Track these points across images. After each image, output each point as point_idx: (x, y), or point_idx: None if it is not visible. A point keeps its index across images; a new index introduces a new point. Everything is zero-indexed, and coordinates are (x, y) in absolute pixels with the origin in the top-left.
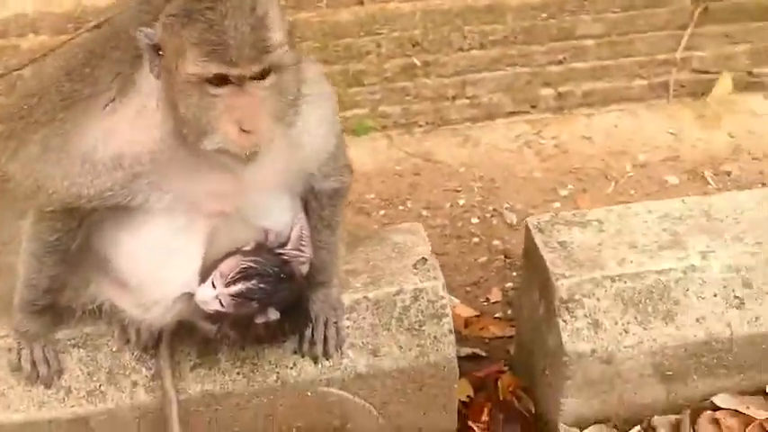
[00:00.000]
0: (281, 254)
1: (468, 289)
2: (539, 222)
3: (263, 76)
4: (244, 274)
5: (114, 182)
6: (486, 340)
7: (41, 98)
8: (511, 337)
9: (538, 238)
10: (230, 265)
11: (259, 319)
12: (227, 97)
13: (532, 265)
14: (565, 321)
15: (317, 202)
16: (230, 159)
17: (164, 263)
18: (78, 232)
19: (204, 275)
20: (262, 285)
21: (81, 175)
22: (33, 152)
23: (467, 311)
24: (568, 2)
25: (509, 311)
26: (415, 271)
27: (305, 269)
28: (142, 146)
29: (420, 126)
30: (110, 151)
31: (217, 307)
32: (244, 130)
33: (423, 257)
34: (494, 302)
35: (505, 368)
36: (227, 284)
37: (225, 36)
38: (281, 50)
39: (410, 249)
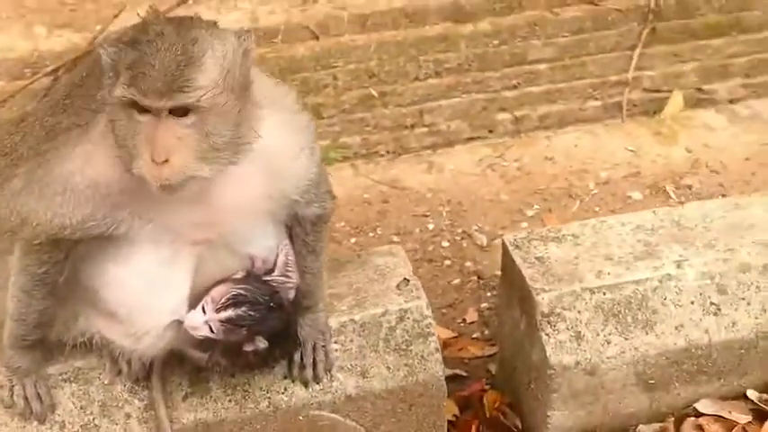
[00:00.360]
0: (268, 282)
1: (443, 311)
2: (515, 239)
3: (182, 113)
4: (234, 301)
5: (95, 210)
6: (466, 360)
7: (26, 134)
8: (490, 356)
9: (515, 255)
10: (221, 292)
11: (248, 347)
12: (147, 126)
13: (511, 281)
14: (548, 335)
15: (301, 228)
16: (150, 187)
17: (151, 292)
18: (66, 264)
19: (193, 302)
20: (251, 313)
21: (62, 205)
22: (17, 186)
23: (444, 333)
24: (519, 28)
25: (486, 331)
26: (398, 292)
27: (292, 294)
28: (113, 171)
29: (381, 155)
30: (87, 179)
31: (206, 333)
32: (155, 161)
33: (405, 278)
34: (470, 323)
35: (487, 386)
36: (218, 310)
37: (148, 67)
38: (200, 92)
39: (392, 271)
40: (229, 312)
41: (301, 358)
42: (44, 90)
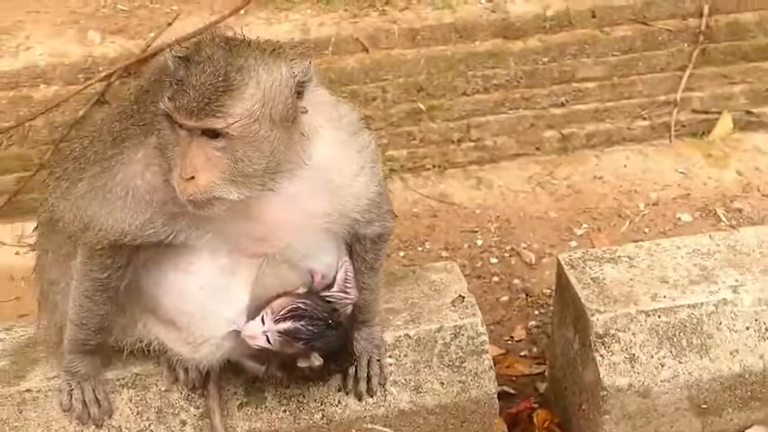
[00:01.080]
0: (327, 298)
1: (491, 328)
2: (570, 259)
3: (213, 135)
4: (294, 314)
5: (154, 217)
6: (514, 378)
7: (93, 139)
8: (538, 374)
9: (570, 275)
10: (282, 303)
11: (302, 363)
12: (182, 141)
13: (565, 300)
14: (602, 356)
15: (361, 246)
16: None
17: (211, 301)
18: (127, 270)
19: (252, 314)
20: (310, 327)
21: (123, 209)
22: (82, 190)
23: (492, 350)
24: (569, 46)
25: (534, 349)
26: (453, 308)
27: (349, 310)
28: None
29: (427, 169)
30: (146, 184)
31: (263, 343)
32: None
33: (460, 295)
34: (518, 341)
35: (536, 405)
36: (277, 321)
37: (189, 86)
38: (231, 120)
39: (447, 287)
40: (288, 324)
41: (356, 372)
42: (97, 95)
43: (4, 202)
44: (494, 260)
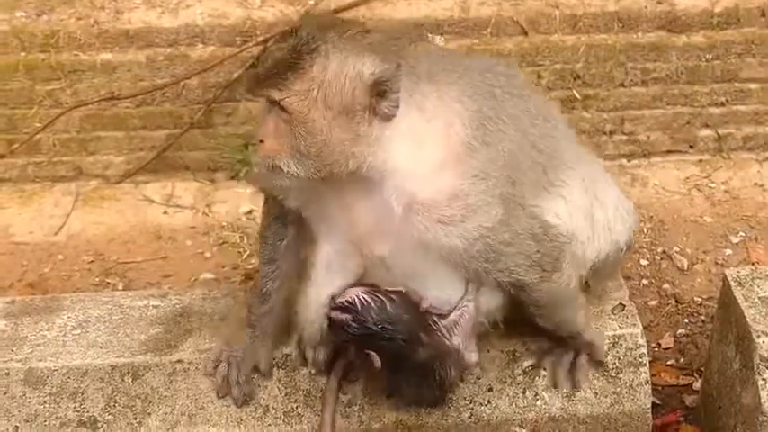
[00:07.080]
0: (433, 326)
1: None
2: (738, 275)
3: (281, 108)
4: (343, 306)
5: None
6: (659, 388)
7: None
8: (685, 386)
9: (737, 292)
10: (348, 292)
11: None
12: (265, 109)
13: (728, 317)
14: (764, 380)
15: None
16: None
17: (320, 273)
18: (286, 233)
19: None
20: (353, 324)
21: None
22: None
23: None
24: (735, 44)
25: (681, 359)
26: (613, 317)
27: (473, 358)
28: None
29: None
30: None
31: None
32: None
33: (621, 303)
34: (665, 349)
35: (681, 418)
36: (329, 307)
37: (266, 57)
38: (285, 93)
39: (607, 294)
40: (335, 314)
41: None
42: (253, 59)
43: (153, 157)
44: (644, 262)
